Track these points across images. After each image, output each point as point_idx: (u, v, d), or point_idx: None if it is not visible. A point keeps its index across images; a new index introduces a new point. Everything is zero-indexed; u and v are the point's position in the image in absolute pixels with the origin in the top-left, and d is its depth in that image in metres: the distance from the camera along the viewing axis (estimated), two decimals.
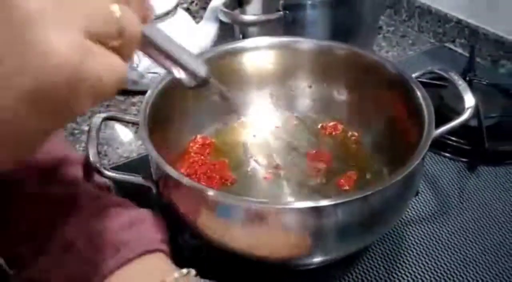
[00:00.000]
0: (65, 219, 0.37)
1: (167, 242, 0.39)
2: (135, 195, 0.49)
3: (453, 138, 0.59)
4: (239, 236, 0.39)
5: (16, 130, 0.20)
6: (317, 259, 0.42)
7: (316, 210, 0.36)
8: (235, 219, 0.38)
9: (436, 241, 0.49)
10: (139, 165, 0.58)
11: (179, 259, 0.42)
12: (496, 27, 0.77)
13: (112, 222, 0.38)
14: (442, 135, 0.43)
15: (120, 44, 0.22)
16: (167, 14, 0.69)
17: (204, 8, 0.78)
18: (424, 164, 0.55)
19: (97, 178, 0.43)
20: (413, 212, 0.52)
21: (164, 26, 0.69)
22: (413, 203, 0.53)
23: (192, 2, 0.91)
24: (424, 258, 0.47)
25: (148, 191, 0.43)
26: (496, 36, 0.76)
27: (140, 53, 0.26)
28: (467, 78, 0.66)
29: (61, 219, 0.37)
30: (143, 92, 0.49)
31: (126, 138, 0.65)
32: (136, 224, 0.38)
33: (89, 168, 0.42)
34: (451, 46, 0.84)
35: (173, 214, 0.42)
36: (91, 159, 0.42)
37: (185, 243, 0.48)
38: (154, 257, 0.37)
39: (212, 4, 0.71)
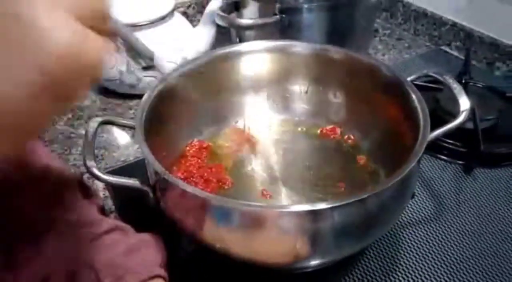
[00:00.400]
0: (68, 246, 0.37)
1: (165, 266, 0.40)
2: (132, 199, 0.49)
3: (449, 141, 0.59)
4: (236, 240, 0.39)
5: (16, 115, 0.20)
6: (314, 262, 0.42)
7: (313, 213, 0.36)
8: (232, 223, 0.38)
9: (432, 243, 0.49)
10: (135, 169, 0.58)
11: (177, 263, 0.42)
12: (491, 30, 0.77)
13: (112, 248, 0.38)
14: (438, 138, 0.44)
15: (106, 26, 0.23)
16: (164, 18, 0.70)
17: (201, 12, 0.78)
18: (420, 167, 0.55)
19: (91, 197, 0.43)
20: (410, 215, 0.52)
21: (161, 30, 0.69)
22: (409, 206, 0.53)
23: (189, 6, 0.91)
24: (421, 260, 0.47)
25: (145, 195, 0.43)
26: (491, 39, 0.77)
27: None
28: (463, 81, 0.67)
29: (63, 246, 0.37)
30: (139, 96, 0.49)
31: (123, 142, 0.64)
32: (136, 250, 0.38)
33: (85, 186, 0.42)
34: (447, 49, 0.84)
35: (169, 218, 0.42)
36: (88, 163, 0.42)
37: (181, 248, 0.48)
38: None
39: (209, 8, 0.72)
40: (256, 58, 0.56)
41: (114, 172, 0.57)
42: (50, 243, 0.37)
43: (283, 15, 0.64)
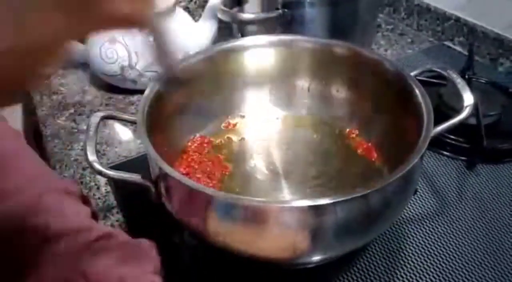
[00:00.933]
0: (58, 255, 0.36)
1: (159, 272, 0.39)
2: (134, 194, 0.49)
3: (452, 136, 0.59)
4: (237, 235, 0.39)
5: (43, 26, 0.19)
6: (316, 258, 0.42)
7: (315, 208, 0.36)
8: (233, 218, 0.38)
9: (435, 239, 0.49)
10: (137, 164, 0.57)
11: (177, 259, 0.42)
12: (495, 26, 0.77)
13: (103, 256, 0.36)
14: (441, 134, 0.43)
15: None
16: (166, 12, 0.69)
17: (203, 7, 0.78)
18: (423, 162, 0.55)
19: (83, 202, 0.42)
20: (412, 210, 0.52)
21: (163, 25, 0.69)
22: (412, 201, 0.53)
23: (191, 0, 0.91)
24: (423, 256, 0.47)
25: (146, 190, 0.43)
26: (495, 35, 0.76)
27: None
28: (466, 77, 0.66)
29: (55, 256, 0.36)
30: (141, 91, 0.49)
31: (125, 138, 0.64)
32: (128, 258, 0.37)
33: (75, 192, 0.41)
34: (450, 44, 0.84)
35: (171, 213, 0.42)
36: (90, 157, 0.41)
37: (183, 243, 0.48)
38: None
39: (210, 3, 0.71)
40: (258, 53, 0.56)
41: (116, 167, 0.57)
42: (44, 255, 0.36)
43: (286, 10, 0.63)
